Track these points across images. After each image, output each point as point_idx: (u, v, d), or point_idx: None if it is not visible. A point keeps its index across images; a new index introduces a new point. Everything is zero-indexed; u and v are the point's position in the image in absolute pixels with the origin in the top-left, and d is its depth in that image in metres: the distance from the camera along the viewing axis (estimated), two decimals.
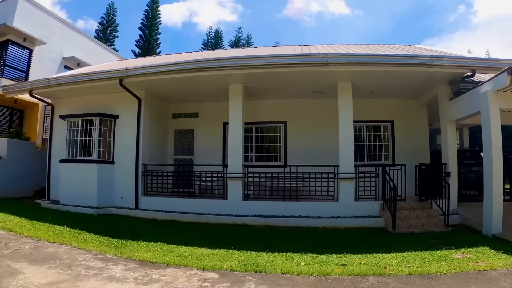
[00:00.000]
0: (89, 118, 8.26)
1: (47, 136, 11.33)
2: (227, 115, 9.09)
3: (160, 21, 30.62)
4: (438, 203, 6.30)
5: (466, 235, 5.53)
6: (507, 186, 7.24)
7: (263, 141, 9.22)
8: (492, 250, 4.53)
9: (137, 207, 7.90)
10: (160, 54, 22.12)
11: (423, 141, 8.19)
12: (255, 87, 7.78)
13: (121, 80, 7.41)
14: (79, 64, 13.13)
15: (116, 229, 6.02)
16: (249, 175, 7.50)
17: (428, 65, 6.10)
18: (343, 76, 6.94)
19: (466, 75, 6.25)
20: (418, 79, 6.79)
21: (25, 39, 10.63)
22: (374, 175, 6.95)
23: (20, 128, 10.02)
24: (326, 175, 7.07)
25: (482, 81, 5.79)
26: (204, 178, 8.22)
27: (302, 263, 4.25)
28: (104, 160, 8.22)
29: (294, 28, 63.62)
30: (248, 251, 4.75)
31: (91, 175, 8.04)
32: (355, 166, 7.20)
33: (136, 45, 29.33)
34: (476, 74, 6.11)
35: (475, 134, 8.90)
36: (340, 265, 4.19)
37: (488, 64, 5.98)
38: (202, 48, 29.35)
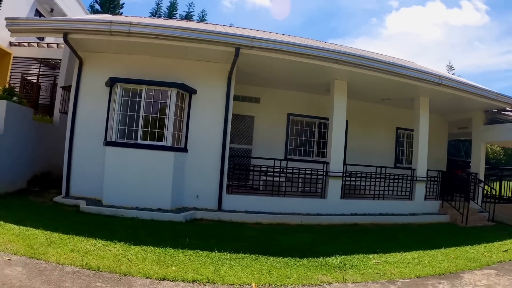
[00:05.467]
0: (160, 88, 6.12)
1: None
2: (291, 105, 8.95)
3: None
4: (478, 203, 8.39)
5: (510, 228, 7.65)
6: None
7: (323, 137, 9.28)
8: None
9: (219, 208, 6.59)
10: (122, 15, 17.41)
11: (443, 151, 10.39)
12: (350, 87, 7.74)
13: (238, 49, 5.87)
14: (53, 11, 9.64)
15: (273, 246, 4.83)
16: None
17: (493, 99, 7.95)
18: (428, 93, 7.94)
19: (506, 109, 8.49)
20: (470, 104, 8.58)
21: None
22: (436, 178, 8.43)
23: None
24: (406, 177, 8.03)
25: None
26: (271, 173, 7.55)
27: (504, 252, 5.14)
28: (178, 147, 6.32)
29: (213, 11, 61.81)
30: (435, 249, 5.26)
31: (164, 166, 6.10)
32: (398, 168, 8.54)
33: (97, 1, 22.17)
34: None
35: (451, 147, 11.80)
36: (504, 251, 5.35)
37: None
38: (150, 15, 24.49)
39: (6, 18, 5.77)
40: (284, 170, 7.09)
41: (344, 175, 7.43)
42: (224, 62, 6.53)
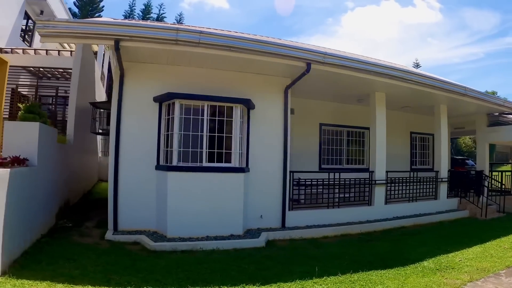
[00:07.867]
0: (225, 104, 5.69)
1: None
2: (322, 116, 9.13)
3: None
4: (487, 197, 9.36)
5: None
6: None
7: (350, 145, 9.53)
8: None
9: (283, 226, 6.44)
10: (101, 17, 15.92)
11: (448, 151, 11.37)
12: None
13: (309, 65, 5.70)
14: (42, 13, 9.21)
15: (368, 258, 4.92)
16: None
17: (500, 105, 8.95)
18: (447, 100, 8.61)
19: (506, 112, 9.60)
20: (478, 108, 9.47)
21: None
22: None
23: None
24: (432, 179, 8.65)
25: None
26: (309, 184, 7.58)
27: None
28: (244, 168, 5.97)
29: (173, 13, 59.97)
30: (487, 242, 5.94)
31: (234, 189, 5.77)
32: (414, 170, 9.28)
33: (75, 4, 20.87)
34: None
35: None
36: None
37: None
38: (123, 17, 22.46)
39: (37, 19, 4.77)
40: (337, 182, 7.13)
41: (387, 181, 7.74)
42: (282, 75, 6.32)
